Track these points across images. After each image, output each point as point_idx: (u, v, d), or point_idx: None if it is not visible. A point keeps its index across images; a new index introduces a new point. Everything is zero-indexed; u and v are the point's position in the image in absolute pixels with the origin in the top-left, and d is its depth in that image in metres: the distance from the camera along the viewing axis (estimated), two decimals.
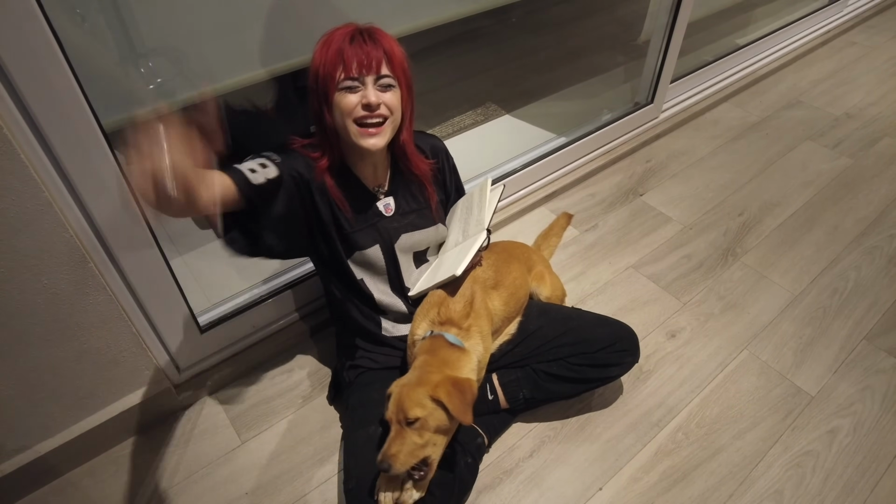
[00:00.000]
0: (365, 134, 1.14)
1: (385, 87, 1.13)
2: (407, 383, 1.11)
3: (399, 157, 1.29)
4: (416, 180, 1.33)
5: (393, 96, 1.14)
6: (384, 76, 1.12)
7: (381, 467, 1.06)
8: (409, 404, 1.07)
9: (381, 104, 1.13)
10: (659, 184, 2.19)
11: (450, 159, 1.42)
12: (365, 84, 1.11)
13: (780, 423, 1.46)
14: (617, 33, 3.07)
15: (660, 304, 1.75)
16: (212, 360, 1.53)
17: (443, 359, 1.14)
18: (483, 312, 1.23)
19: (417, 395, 1.07)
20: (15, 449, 1.27)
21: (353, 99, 1.12)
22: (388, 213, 1.30)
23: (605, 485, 1.35)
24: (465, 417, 1.07)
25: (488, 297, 1.28)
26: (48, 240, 1.06)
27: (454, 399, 1.07)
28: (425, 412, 1.07)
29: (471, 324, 1.20)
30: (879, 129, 2.46)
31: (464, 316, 1.20)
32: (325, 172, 1.21)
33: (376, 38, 1.12)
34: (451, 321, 1.19)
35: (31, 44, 0.93)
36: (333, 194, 1.22)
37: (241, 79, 1.47)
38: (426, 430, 1.08)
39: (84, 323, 1.20)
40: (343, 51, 1.09)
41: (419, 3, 1.68)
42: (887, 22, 3.30)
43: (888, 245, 1.94)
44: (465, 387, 1.09)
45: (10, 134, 0.95)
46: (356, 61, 1.09)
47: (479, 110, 2.47)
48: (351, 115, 1.13)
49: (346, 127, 1.14)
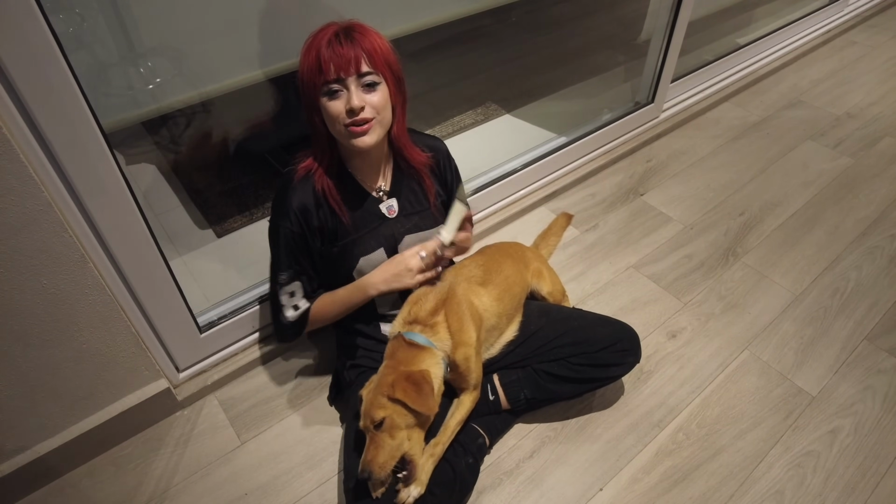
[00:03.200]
0: (354, 133, 1.13)
1: (369, 85, 1.11)
2: (369, 390, 1.15)
3: (396, 151, 1.28)
4: (415, 175, 1.32)
5: (378, 94, 1.12)
6: (365, 74, 1.10)
7: (362, 477, 1.10)
8: (371, 409, 1.11)
9: (366, 106, 1.11)
10: (659, 183, 2.19)
11: (451, 161, 1.41)
12: (348, 86, 1.10)
13: (780, 423, 1.46)
14: (617, 33, 3.06)
15: (660, 305, 1.75)
16: (211, 361, 1.53)
17: (399, 360, 1.17)
18: (461, 308, 1.24)
19: (376, 398, 1.12)
20: (14, 449, 1.26)
21: (338, 104, 1.10)
22: (392, 214, 1.30)
23: (606, 485, 1.34)
24: (426, 408, 1.10)
25: (475, 294, 1.29)
26: (48, 240, 1.06)
27: (410, 393, 1.10)
28: (387, 412, 1.10)
29: (438, 320, 1.21)
30: (880, 129, 2.46)
31: (431, 313, 1.22)
32: (324, 177, 1.20)
33: (354, 38, 1.09)
34: (418, 319, 1.22)
35: (30, 44, 0.93)
36: (332, 200, 1.22)
37: (241, 79, 1.47)
38: (396, 430, 1.11)
39: (83, 323, 1.20)
40: (321, 55, 1.08)
41: (419, 3, 1.67)
42: (888, 21, 3.30)
43: (889, 245, 1.93)
44: (418, 379, 1.12)
45: (10, 134, 0.95)
46: (333, 65, 1.07)
47: (479, 110, 2.47)
48: (338, 121, 1.12)
49: (337, 130, 1.14)
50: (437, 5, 1.73)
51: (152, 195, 1.97)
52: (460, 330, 1.22)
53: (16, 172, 0.97)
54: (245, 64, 1.44)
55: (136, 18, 1.30)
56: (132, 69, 1.39)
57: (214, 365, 1.54)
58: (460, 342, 1.21)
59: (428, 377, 1.14)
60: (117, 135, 1.63)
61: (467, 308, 1.25)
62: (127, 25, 1.30)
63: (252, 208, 1.95)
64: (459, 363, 1.22)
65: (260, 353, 1.58)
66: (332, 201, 1.22)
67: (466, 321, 1.23)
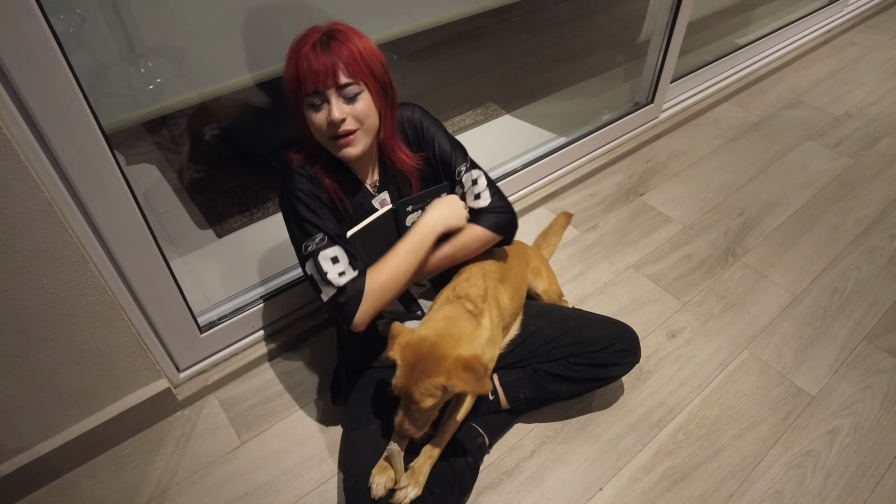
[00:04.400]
0: (339, 145, 1.10)
1: (351, 96, 1.06)
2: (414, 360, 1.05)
3: (384, 153, 1.25)
4: (400, 176, 1.29)
5: (360, 103, 1.07)
6: (345, 85, 1.05)
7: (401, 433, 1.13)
8: (418, 396, 1.04)
9: (346, 118, 1.07)
10: (659, 184, 2.19)
11: (429, 130, 1.28)
12: (328, 98, 1.06)
13: (780, 423, 1.46)
14: (617, 33, 3.06)
15: (660, 304, 1.75)
16: (211, 361, 1.53)
17: (459, 331, 1.09)
18: (495, 304, 1.22)
19: (426, 386, 1.04)
20: (15, 449, 1.27)
21: (320, 117, 1.07)
22: (384, 207, 1.29)
23: (606, 485, 1.34)
24: (483, 390, 1.04)
25: (498, 292, 1.27)
26: (48, 240, 1.06)
27: (470, 382, 1.03)
28: (436, 400, 1.05)
29: (485, 308, 1.18)
30: (880, 129, 2.46)
31: (481, 297, 1.18)
32: (324, 173, 1.20)
33: (331, 47, 1.04)
34: (469, 297, 1.17)
35: (30, 44, 0.93)
36: (335, 194, 1.21)
37: (241, 79, 1.47)
38: (437, 407, 1.09)
39: (83, 323, 1.20)
40: (299, 66, 1.04)
41: (419, 3, 1.68)
42: (888, 21, 3.30)
43: (889, 245, 1.93)
44: (475, 366, 1.05)
45: (10, 134, 0.95)
46: (310, 77, 1.04)
47: (479, 110, 2.47)
48: (321, 133, 1.10)
49: (322, 141, 1.12)
50: (437, 5, 1.73)
51: (152, 195, 1.97)
52: (497, 326, 1.20)
53: (16, 172, 0.97)
54: (245, 64, 1.44)
55: (136, 18, 1.30)
56: (132, 69, 1.40)
57: (215, 365, 1.54)
58: (494, 340, 1.19)
59: (483, 362, 1.07)
60: (118, 135, 1.63)
61: (498, 307, 1.23)
62: (127, 25, 1.30)
63: (252, 208, 1.96)
64: (486, 363, 1.20)
65: (260, 353, 1.58)
66: (332, 192, 1.21)
67: (498, 320, 1.21)
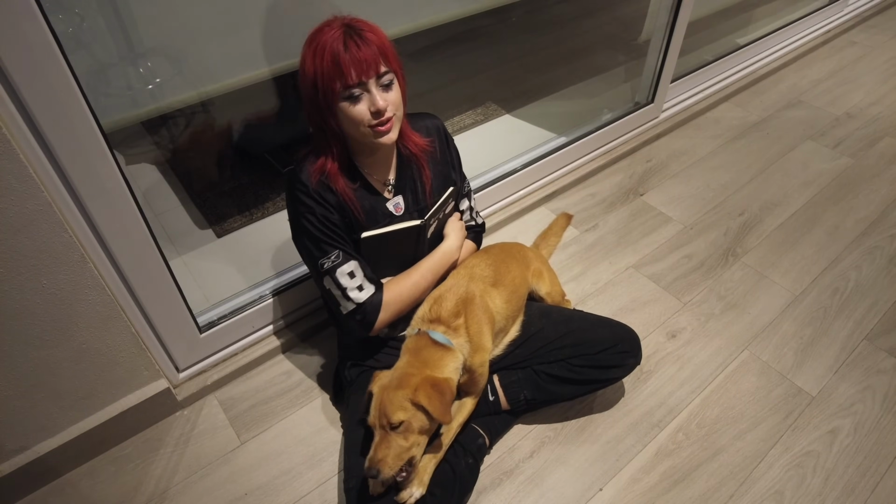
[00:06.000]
0: (379, 133, 1.13)
1: (387, 84, 1.11)
2: (388, 385, 1.12)
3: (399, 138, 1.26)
4: (415, 162, 1.30)
5: (395, 91, 1.13)
6: (384, 74, 1.10)
7: (369, 474, 1.07)
8: (391, 409, 1.08)
9: (388, 105, 1.11)
10: (659, 184, 2.19)
11: (450, 138, 1.38)
12: (368, 88, 1.09)
13: (780, 423, 1.46)
14: (617, 33, 3.06)
15: (660, 305, 1.75)
16: (211, 361, 1.53)
17: (424, 359, 1.15)
18: (480, 312, 1.23)
19: (398, 398, 1.08)
20: (14, 449, 1.26)
21: (361, 108, 1.10)
22: (399, 212, 1.30)
23: (606, 485, 1.34)
24: (444, 418, 1.08)
25: (488, 296, 1.28)
26: (47, 240, 1.06)
27: (434, 401, 1.08)
28: (408, 415, 1.08)
29: (460, 323, 1.20)
30: (880, 129, 2.46)
31: (454, 314, 1.20)
32: (338, 175, 1.20)
33: (366, 38, 1.08)
34: (440, 319, 1.20)
35: (30, 44, 0.93)
36: (347, 197, 1.21)
37: (241, 79, 1.47)
38: (410, 433, 1.09)
39: (83, 323, 1.20)
40: (338, 59, 1.06)
41: (419, 3, 1.68)
42: (888, 21, 3.30)
43: (889, 245, 1.93)
44: (443, 387, 1.10)
45: (10, 134, 0.95)
46: (354, 69, 1.06)
47: (479, 110, 2.47)
48: (362, 124, 1.11)
49: (360, 132, 1.13)
50: (437, 5, 1.73)
51: (152, 195, 1.97)
52: (479, 333, 1.21)
53: (16, 172, 0.97)
54: (245, 64, 1.44)
55: (136, 18, 1.30)
56: (132, 69, 1.39)
57: (214, 365, 1.54)
58: (479, 347, 1.21)
59: (451, 387, 1.12)
60: (117, 135, 1.63)
61: (484, 312, 1.24)
62: (127, 25, 1.30)
63: (252, 208, 1.95)
64: (476, 368, 1.21)
65: (260, 353, 1.58)
66: (348, 200, 1.21)
67: (484, 326, 1.22)
